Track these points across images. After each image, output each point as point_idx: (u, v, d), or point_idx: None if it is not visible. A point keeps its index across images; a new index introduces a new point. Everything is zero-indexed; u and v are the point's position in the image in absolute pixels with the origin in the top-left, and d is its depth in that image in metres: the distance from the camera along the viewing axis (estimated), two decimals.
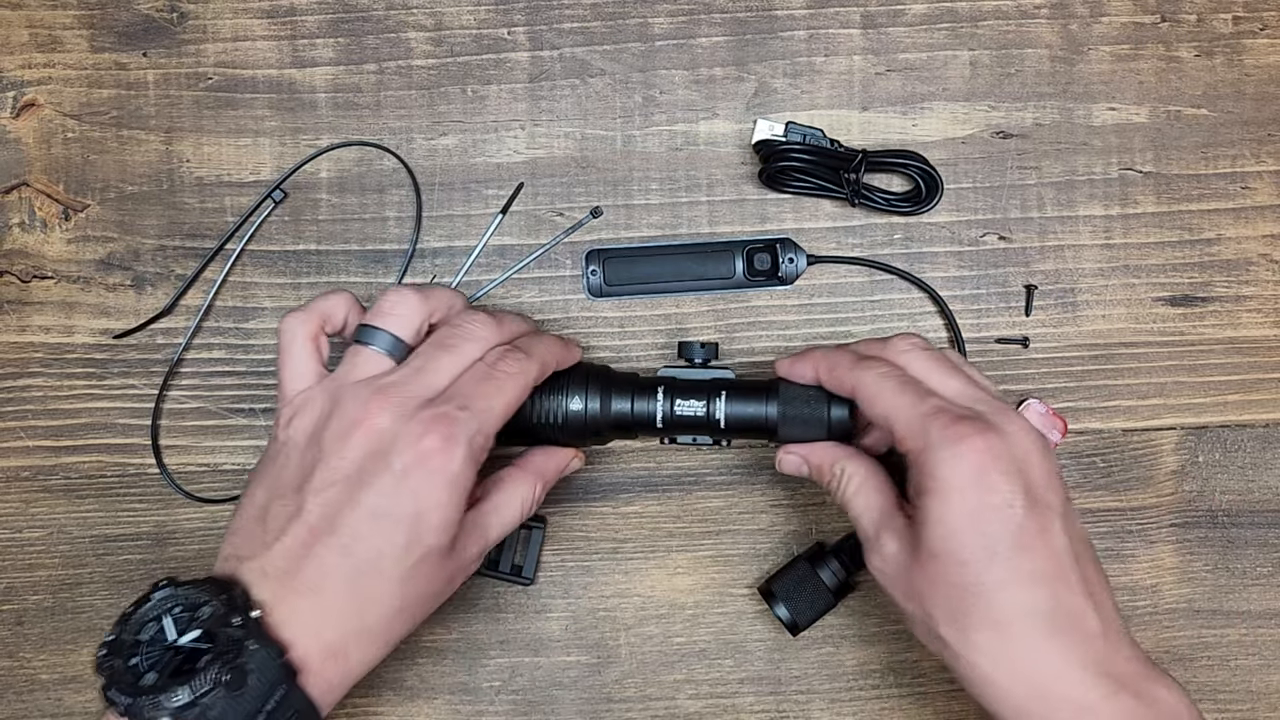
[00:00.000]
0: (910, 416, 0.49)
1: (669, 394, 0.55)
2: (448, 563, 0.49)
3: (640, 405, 0.54)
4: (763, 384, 0.55)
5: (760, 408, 0.54)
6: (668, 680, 0.61)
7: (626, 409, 0.54)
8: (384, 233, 0.62)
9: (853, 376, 0.52)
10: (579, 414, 0.54)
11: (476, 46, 0.62)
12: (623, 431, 0.55)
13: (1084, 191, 0.62)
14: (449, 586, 0.51)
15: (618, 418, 0.54)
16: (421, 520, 0.47)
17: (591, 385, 0.54)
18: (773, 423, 0.54)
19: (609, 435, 0.55)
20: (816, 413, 0.54)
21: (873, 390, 0.51)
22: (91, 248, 0.61)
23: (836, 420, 0.54)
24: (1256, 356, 0.62)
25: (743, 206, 0.62)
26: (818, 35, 0.62)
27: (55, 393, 0.61)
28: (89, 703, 0.61)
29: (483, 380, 0.50)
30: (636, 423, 0.55)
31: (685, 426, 0.55)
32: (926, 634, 0.49)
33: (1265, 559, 0.62)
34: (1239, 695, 0.61)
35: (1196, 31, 0.62)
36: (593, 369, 0.55)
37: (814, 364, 0.54)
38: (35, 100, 0.62)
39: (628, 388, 0.55)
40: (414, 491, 0.47)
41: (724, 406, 0.54)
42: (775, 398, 0.54)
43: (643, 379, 0.55)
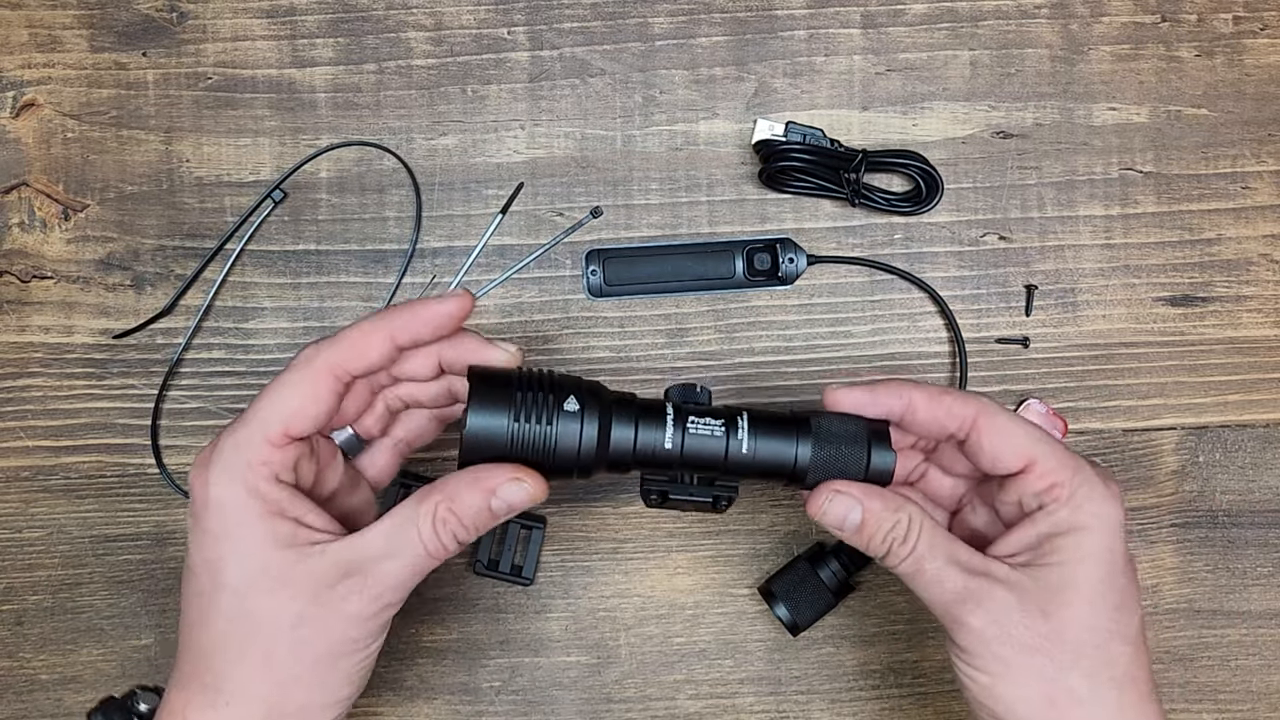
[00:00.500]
0: (1056, 450, 0.46)
1: (680, 411, 0.46)
2: (312, 607, 0.43)
3: (646, 415, 0.46)
4: (788, 415, 0.48)
5: (788, 444, 0.46)
6: (668, 680, 0.61)
7: (628, 437, 0.46)
8: (384, 233, 0.62)
9: (973, 406, 0.47)
10: (570, 449, 0.45)
11: (476, 46, 0.62)
12: (616, 467, 0.47)
13: (1084, 191, 0.62)
14: (345, 646, 0.44)
15: (617, 451, 0.46)
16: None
17: (588, 409, 0.45)
18: (802, 463, 0.46)
19: (596, 472, 0.47)
20: (855, 454, 0.46)
21: (1002, 421, 0.46)
22: (91, 248, 0.61)
23: (879, 466, 0.46)
24: (1257, 356, 0.62)
25: (743, 206, 0.62)
26: (818, 35, 0.62)
27: (55, 393, 0.61)
28: (89, 703, 0.60)
29: (269, 386, 0.46)
30: (638, 457, 0.46)
31: (697, 458, 0.46)
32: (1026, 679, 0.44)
33: (1266, 559, 0.62)
34: (1239, 695, 0.61)
35: (1197, 31, 0.62)
36: (583, 386, 0.46)
37: (899, 394, 0.47)
38: (35, 100, 0.62)
39: (629, 410, 0.46)
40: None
41: (748, 435, 0.46)
42: (807, 431, 0.46)
43: (646, 402, 0.47)
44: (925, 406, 0.47)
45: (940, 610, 0.45)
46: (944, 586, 0.45)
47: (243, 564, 0.44)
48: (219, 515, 0.44)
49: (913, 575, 0.46)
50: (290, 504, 0.44)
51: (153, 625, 0.61)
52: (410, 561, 0.44)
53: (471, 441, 0.44)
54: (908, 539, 0.45)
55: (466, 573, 0.61)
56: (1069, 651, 0.43)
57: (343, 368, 0.46)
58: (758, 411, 0.47)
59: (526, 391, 0.45)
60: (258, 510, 0.44)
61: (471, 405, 0.44)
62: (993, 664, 0.44)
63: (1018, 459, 0.46)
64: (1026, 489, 0.46)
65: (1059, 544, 0.44)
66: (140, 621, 0.61)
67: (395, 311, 0.46)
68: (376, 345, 0.46)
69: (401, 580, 0.45)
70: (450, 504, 0.44)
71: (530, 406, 0.44)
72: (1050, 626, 0.43)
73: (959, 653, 0.45)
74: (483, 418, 0.44)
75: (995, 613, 0.44)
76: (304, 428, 0.45)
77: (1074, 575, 0.44)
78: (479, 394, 0.45)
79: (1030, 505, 0.46)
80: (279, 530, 0.44)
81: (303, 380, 0.45)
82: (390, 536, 0.44)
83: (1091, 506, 0.45)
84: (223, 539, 0.44)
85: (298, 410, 0.45)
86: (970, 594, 0.44)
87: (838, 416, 0.47)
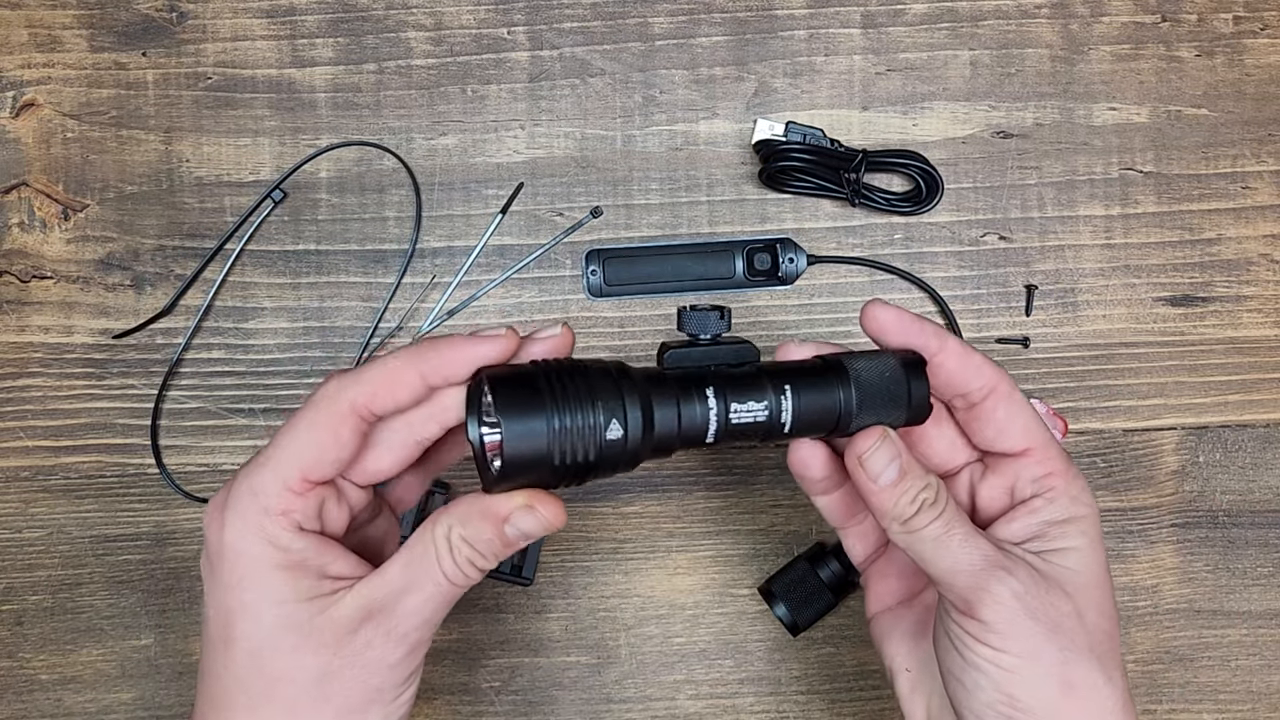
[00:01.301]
0: (1052, 441, 0.45)
1: (720, 395, 0.42)
2: (335, 660, 0.41)
3: (688, 415, 0.41)
4: (819, 364, 0.44)
5: (833, 396, 0.42)
6: (668, 681, 0.61)
7: (671, 421, 0.41)
8: (384, 233, 0.62)
9: (997, 372, 0.44)
10: (618, 443, 0.40)
11: (476, 46, 0.62)
12: (660, 452, 0.42)
13: (1084, 191, 0.62)
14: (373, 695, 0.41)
15: (664, 437, 0.41)
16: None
17: (628, 396, 0.40)
18: (847, 412, 0.43)
19: (641, 461, 0.42)
20: (897, 391, 0.43)
21: (1019, 397, 0.44)
22: (91, 248, 0.61)
23: (918, 397, 0.43)
24: (1257, 356, 0.62)
25: (743, 206, 0.62)
26: (818, 35, 0.62)
27: (55, 393, 0.61)
28: (88, 703, 0.61)
29: (288, 424, 0.42)
30: (682, 439, 0.42)
31: (739, 435, 0.42)
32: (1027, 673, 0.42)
33: (1266, 559, 0.62)
34: (1240, 696, 0.61)
35: (1197, 31, 0.62)
36: (615, 368, 0.41)
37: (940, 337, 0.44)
38: (35, 100, 0.61)
39: (666, 390, 0.41)
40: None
41: (790, 404, 0.42)
42: (846, 378, 0.43)
43: (678, 375, 0.42)
44: (957, 358, 0.44)
45: (964, 581, 0.42)
46: (972, 554, 0.42)
47: (259, 620, 0.40)
48: (234, 565, 0.41)
49: (938, 542, 0.42)
50: (314, 554, 0.41)
51: (152, 625, 0.61)
52: (432, 593, 0.41)
53: (512, 461, 0.39)
54: (938, 501, 0.43)
55: None
56: (1088, 635, 0.42)
57: (368, 408, 0.41)
58: (792, 374, 0.43)
59: (560, 402, 0.39)
60: (277, 562, 0.41)
61: (504, 421, 0.39)
62: (1018, 642, 0.41)
63: (1023, 440, 0.44)
64: (1024, 473, 0.45)
65: (1065, 532, 0.43)
66: (140, 621, 0.61)
67: (430, 348, 0.42)
68: (407, 386, 0.42)
69: (426, 616, 0.42)
70: (463, 530, 0.41)
71: (568, 424, 0.39)
72: (1071, 607, 0.42)
73: (977, 629, 0.42)
74: (517, 430, 0.39)
75: (1026, 585, 0.42)
76: (325, 473, 0.41)
77: (1085, 562, 0.43)
78: (507, 404, 0.39)
79: (1024, 492, 0.45)
80: (300, 584, 0.41)
81: (325, 422, 0.41)
82: (408, 568, 0.41)
83: (1086, 498, 0.44)
84: (237, 591, 0.41)
85: (318, 454, 0.41)
86: (999, 564, 0.42)
87: (870, 356, 0.44)
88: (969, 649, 0.42)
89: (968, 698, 0.43)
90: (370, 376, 0.42)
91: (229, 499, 0.41)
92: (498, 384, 0.40)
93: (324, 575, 0.41)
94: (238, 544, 0.41)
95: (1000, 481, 0.46)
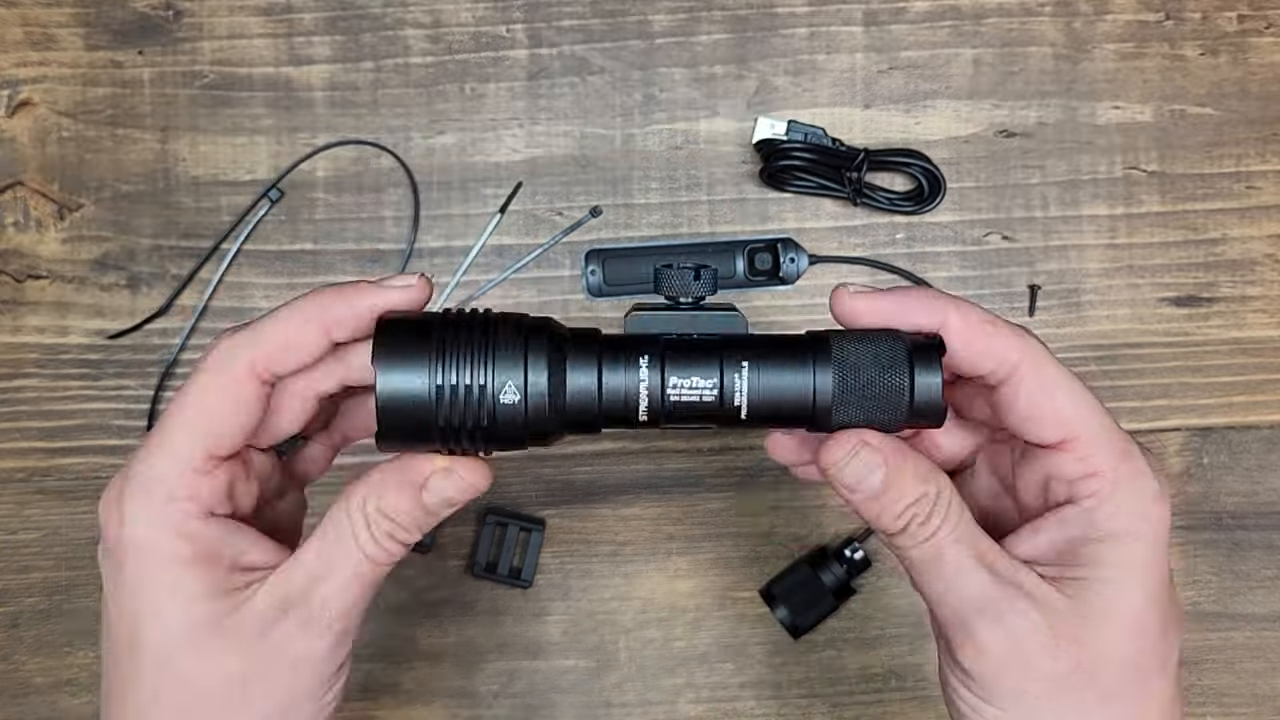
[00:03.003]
0: (1105, 428, 0.36)
1: (655, 364, 0.36)
2: (253, 661, 0.37)
3: (612, 383, 0.36)
4: (800, 339, 0.37)
5: (802, 377, 0.35)
6: (668, 684, 0.61)
7: (589, 392, 0.36)
8: (381, 232, 0.61)
9: (1019, 346, 0.36)
10: (513, 409, 0.35)
11: (475, 44, 0.61)
12: (579, 428, 0.37)
13: (1088, 191, 0.62)
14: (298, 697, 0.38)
15: (577, 409, 0.36)
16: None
17: (534, 355, 0.35)
18: (824, 402, 0.35)
19: (555, 436, 0.37)
20: (895, 381, 0.35)
21: (1050, 374, 0.36)
22: (86, 247, 0.61)
23: (924, 395, 0.35)
24: (1262, 357, 0.61)
25: (743, 206, 0.61)
26: (819, 33, 0.62)
27: (50, 393, 0.61)
28: (84, 706, 0.60)
29: (180, 394, 0.38)
30: (605, 415, 0.36)
31: (683, 417, 0.36)
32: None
33: (1271, 561, 0.61)
34: (1244, 699, 0.61)
35: (1201, 30, 0.62)
36: (529, 324, 0.36)
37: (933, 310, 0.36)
38: (30, 99, 0.61)
39: (588, 354, 0.36)
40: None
41: (746, 384, 0.36)
42: (827, 360, 0.36)
43: (614, 338, 0.37)
44: (963, 335, 0.36)
45: (949, 617, 0.36)
46: (962, 588, 0.35)
47: (168, 622, 0.36)
48: (137, 562, 0.37)
49: (925, 565, 0.36)
50: (226, 543, 0.37)
51: None
52: (352, 575, 0.37)
53: (390, 414, 0.35)
54: (930, 518, 0.35)
55: (464, 575, 0.61)
56: (1102, 691, 0.35)
57: (268, 370, 0.37)
58: (760, 346, 0.36)
59: (448, 355, 0.35)
60: (185, 555, 0.36)
61: (379, 370, 0.35)
62: (1006, 698, 0.35)
63: (1056, 430, 0.36)
64: (1058, 471, 0.37)
65: (1099, 555, 0.35)
66: None
67: (333, 298, 0.37)
68: (309, 343, 0.37)
69: (347, 602, 0.37)
70: (379, 502, 0.37)
71: (454, 380, 0.35)
72: (1083, 658, 0.35)
73: (961, 676, 0.36)
74: (395, 381, 0.35)
75: (1020, 633, 0.35)
76: (231, 445, 0.37)
77: (1116, 597, 0.35)
78: (387, 349, 0.35)
79: (1058, 495, 0.37)
80: (211, 579, 0.37)
81: (223, 389, 0.37)
82: (324, 551, 0.37)
83: (1138, 507, 0.35)
84: (143, 591, 0.37)
85: (221, 426, 0.37)
86: (991, 604, 0.35)
87: (870, 336, 0.36)
88: (954, 692, 0.37)
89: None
90: (268, 334, 0.37)
91: (126, 487, 0.37)
92: (384, 328, 0.36)
93: (236, 566, 0.37)
94: (140, 538, 0.37)
95: (1034, 474, 0.38)
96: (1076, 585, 0.36)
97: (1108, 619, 0.35)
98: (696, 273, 0.37)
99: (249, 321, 0.38)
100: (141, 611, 0.37)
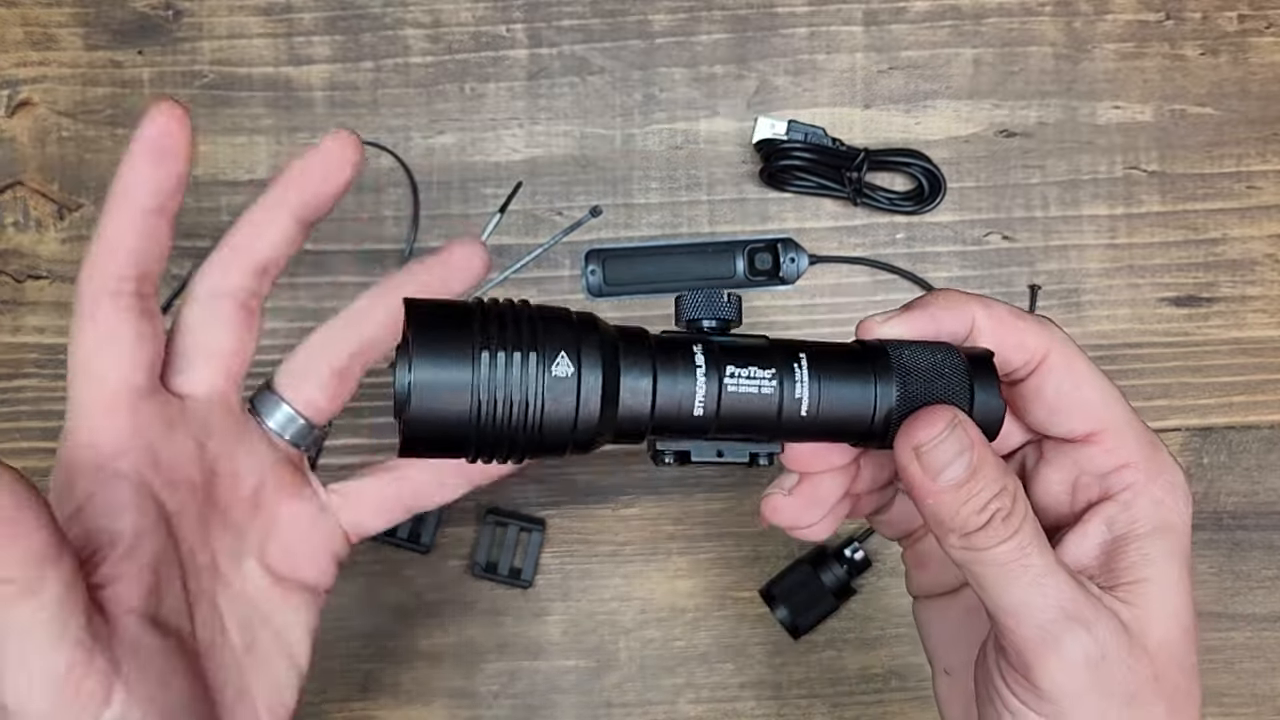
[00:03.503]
0: (1132, 421, 0.35)
1: (710, 355, 0.33)
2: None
3: (666, 377, 0.33)
4: (853, 346, 0.35)
5: (863, 383, 0.33)
6: (668, 685, 0.61)
7: (644, 393, 0.33)
8: (381, 232, 0.61)
9: (1046, 337, 0.35)
10: (563, 416, 0.31)
11: (474, 44, 0.61)
12: (625, 438, 0.34)
13: (1088, 191, 0.62)
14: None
15: (628, 420, 0.33)
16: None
17: (587, 355, 0.32)
18: (885, 410, 0.33)
19: (596, 446, 0.34)
20: (957, 392, 0.33)
21: (1080, 367, 0.35)
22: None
23: (984, 408, 0.34)
24: (1262, 357, 0.61)
25: (744, 206, 0.61)
26: (819, 32, 0.61)
27: (49, 394, 0.60)
28: None
29: None
30: (659, 413, 0.33)
31: (741, 417, 0.33)
32: None
33: (1271, 562, 0.61)
34: (1244, 699, 0.61)
35: (1202, 29, 0.62)
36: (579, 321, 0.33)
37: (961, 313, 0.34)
38: (29, 99, 0.61)
39: (643, 350, 0.33)
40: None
41: (807, 376, 0.33)
42: (887, 367, 0.33)
43: (665, 337, 0.35)
44: (993, 332, 0.34)
45: (1028, 633, 0.32)
46: (1048, 595, 0.32)
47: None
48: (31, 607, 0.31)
49: (1006, 570, 0.32)
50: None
51: None
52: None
53: (418, 424, 0.31)
54: (1013, 514, 0.32)
55: (464, 575, 0.60)
56: (1169, 700, 0.33)
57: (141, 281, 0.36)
58: (815, 349, 0.34)
59: (494, 339, 0.31)
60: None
61: (415, 364, 0.30)
62: (1084, 717, 0.32)
63: (1085, 421, 0.35)
64: (1089, 465, 0.35)
65: (1147, 552, 0.33)
66: None
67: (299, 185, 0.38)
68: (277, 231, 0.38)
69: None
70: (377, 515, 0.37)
71: (504, 365, 0.31)
72: (1152, 671, 0.32)
73: (1028, 697, 0.33)
74: (432, 383, 0.30)
75: (1106, 646, 0.32)
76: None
77: (1168, 598, 0.33)
78: (424, 345, 0.30)
79: (1089, 493, 0.35)
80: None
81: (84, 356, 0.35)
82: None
83: (1172, 499, 0.34)
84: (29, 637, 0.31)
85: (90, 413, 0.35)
86: (1080, 613, 0.32)
87: (923, 346, 0.34)
88: (1014, 714, 0.33)
89: None
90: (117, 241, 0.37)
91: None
92: (416, 314, 0.31)
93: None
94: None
95: (1058, 476, 0.36)
96: (1129, 590, 0.33)
97: (1166, 623, 0.33)
98: (727, 296, 0.35)
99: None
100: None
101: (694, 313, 0.35)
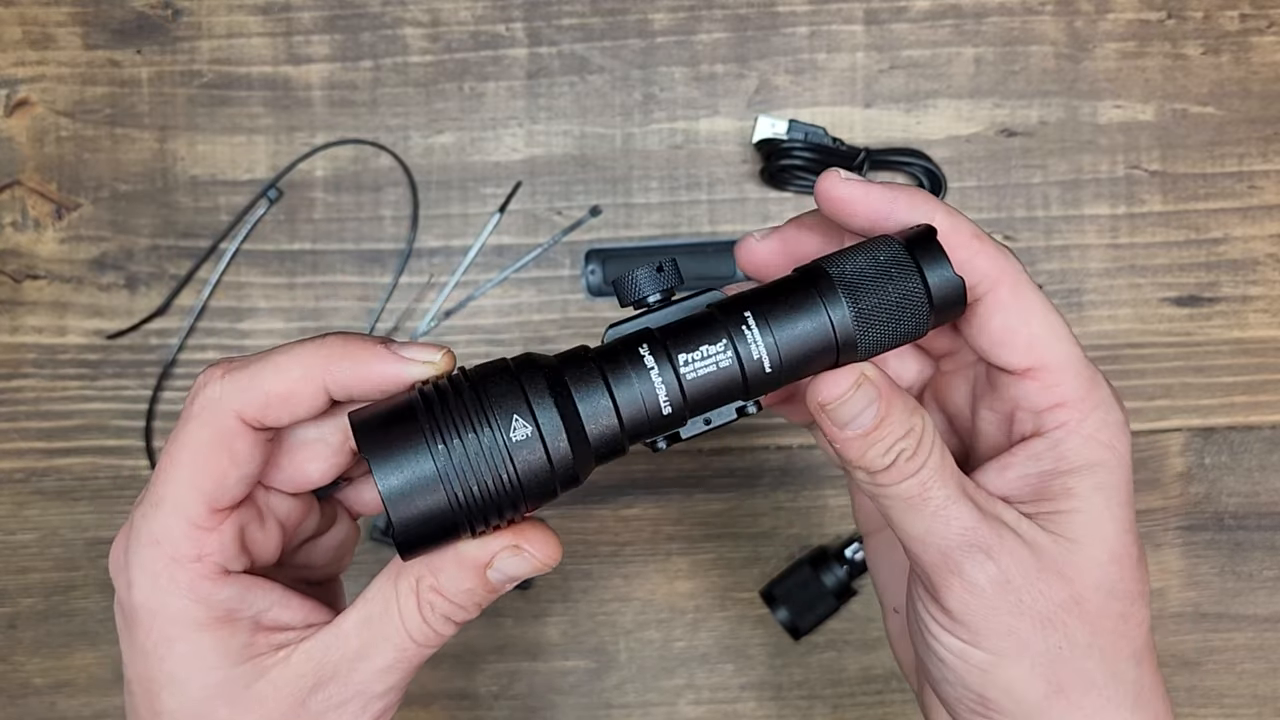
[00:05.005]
0: (1073, 358, 0.35)
1: (658, 349, 0.33)
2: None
3: (624, 389, 0.32)
4: (792, 278, 0.34)
5: (813, 313, 0.33)
6: (668, 686, 0.60)
7: (606, 409, 0.33)
8: (380, 232, 0.61)
9: (1000, 265, 0.35)
10: (535, 460, 0.32)
11: (474, 43, 0.61)
12: (606, 454, 0.34)
13: (1090, 190, 0.61)
14: None
15: (599, 432, 0.33)
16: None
17: (535, 394, 0.32)
18: (846, 331, 0.33)
19: (585, 472, 0.34)
20: (908, 285, 0.33)
21: (1028, 298, 0.35)
22: (84, 247, 0.61)
23: (941, 286, 0.33)
24: (1264, 357, 0.61)
25: (744, 205, 0.61)
26: (820, 32, 0.61)
27: (48, 394, 0.60)
28: (82, 707, 0.60)
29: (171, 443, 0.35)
30: (629, 428, 0.33)
31: (710, 399, 0.33)
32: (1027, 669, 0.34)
33: (1272, 562, 0.61)
34: (1245, 700, 0.61)
35: (1203, 29, 0.62)
36: (514, 365, 0.33)
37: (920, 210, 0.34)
38: (28, 98, 0.61)
39: (588, 372, 0.33)
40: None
41: (758, 335, 0.33)
42: (831, 287, 0.33)
43: (605, 347, 0.34)
44: (947, 242, 0.34)
45: (933, 557, 0.34)
46: (949, 524, 0.33)
47: (186, 692, 0.34)
48: (149, 628, 0.34)
49: (909, 503, 0.34)
50: (244, 601, 0.34)
51: None
52: (395, 659, 0.35)
53: (407, 530, 0.31)
54: (917, 453, 0.33)
55: None
56: (1088, 625, 0.34)
57: (260, 421, 0.34)
58: (756, 298, 0.33)
59: (444, 426, 0.32)
60: (199, 619, 0.34)
61: (379, 478, 0.31)
62: (995, 638, 0.34)
63: (1026, 357, 0.35)
64: (1025, 400, 0.35)
65: (1072, 486, 0.34)
66: None
67: (335, 354, 0.34)
68: (306, 398, 0.34)
69: (389, 682, 0.35)
70: (434, 580, 0.34)
71: (462, 447, 0.31)
72: (1069, 594, 0.34)
73: (945, 620, 0.34)
74: (403, 490, 0.31)
75: (1010, 569, 0.33)
76: (232, 497, 0.34)
77: (1094, 527, 0.34)
78: (381, 458, 0.31)
79: (1024, 427, 0.36)
80: (231, 643, 0.34)
81: (213, 440, 0.34)
82: (365, 628, 0.34)
83: (1106, 436, 0.35)
84: (158, 659, 0.34)
85: (217, 480, 0.34)
86: (980, 540, 0.33)
87: (859, 250, 0.33)
88: (935, 638, 0.35)
89: (937, 687, 0.37)
90: (260, 383, 0.34)
91: (130, 547, 0.34)
92: (362, 430, 0.32)
93: (260, 627, 0.35)
94: (150, 604, 0.34)
95: (998, 408, 0.37)
96: (1053, 519, 0.35)
97: (1089, 550, 0.34)
98: (659, 266, 0.34)
99: (244, 357, 0.35)
100: (158, 680, 0.34)
101: (636, 294, 0.34)
